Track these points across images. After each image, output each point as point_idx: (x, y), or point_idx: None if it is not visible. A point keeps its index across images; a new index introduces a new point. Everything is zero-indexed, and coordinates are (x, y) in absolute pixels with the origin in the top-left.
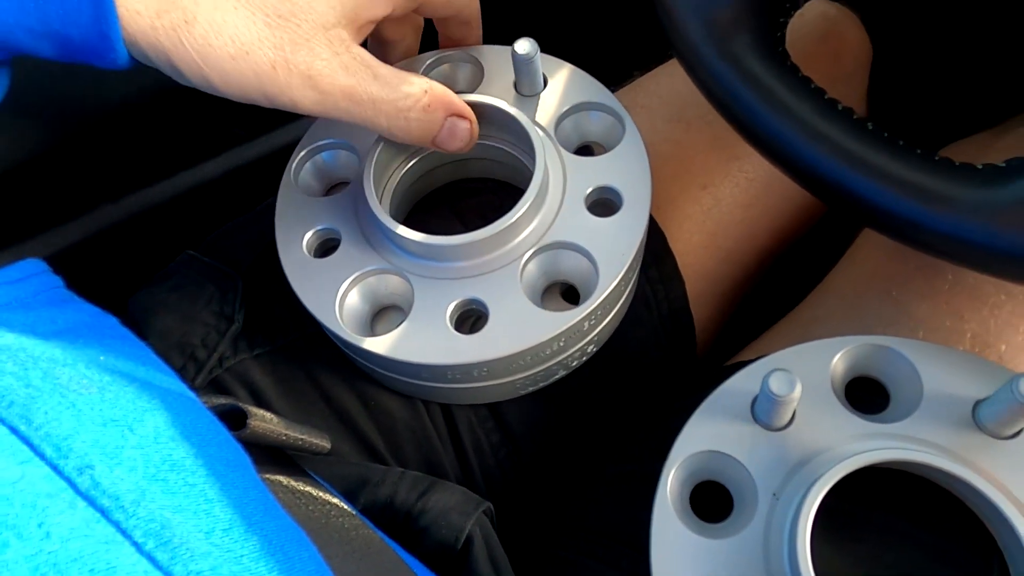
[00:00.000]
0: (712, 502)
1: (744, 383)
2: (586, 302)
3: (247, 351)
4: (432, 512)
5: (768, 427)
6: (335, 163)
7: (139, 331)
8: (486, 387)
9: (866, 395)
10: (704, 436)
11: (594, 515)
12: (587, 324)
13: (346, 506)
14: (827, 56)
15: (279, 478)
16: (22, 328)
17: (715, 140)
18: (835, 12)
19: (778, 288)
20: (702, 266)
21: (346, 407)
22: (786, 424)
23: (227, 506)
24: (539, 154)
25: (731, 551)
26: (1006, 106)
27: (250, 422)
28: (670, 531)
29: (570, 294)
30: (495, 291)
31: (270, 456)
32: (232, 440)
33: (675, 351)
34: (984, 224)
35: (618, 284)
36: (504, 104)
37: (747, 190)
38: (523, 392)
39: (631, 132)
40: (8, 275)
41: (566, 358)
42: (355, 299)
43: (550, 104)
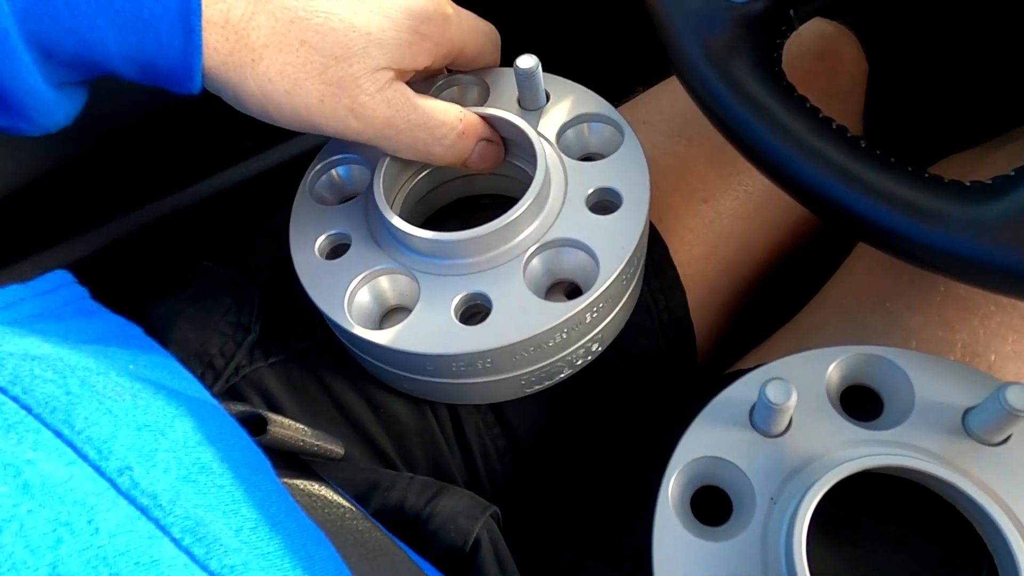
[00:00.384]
0: (712, 506)
1: (743, 391)
2: (587, 293)
3: (262, 360)
4: (441, 516)
5: (766, 434)
6: (349, 177)
7: (158, 340)
8: (491, 383)
9: (860, 403)
10: (704, 442)
11: (597, 518)
12: (589, 317)
13: (359, 510)
14: (824, 73)
15: (296, 482)
16: (56, 338)
17: (716, 154)
18: (832, 30)
19: (776, 298)
20: (703, 276)
21: (357, 413)
22: (783, 431)
23: (252, 507)
24: (539, 154)
25: (730, 553)
26: (994, 123)
27: (270, 428)
28: (671, 534)
29: (574, 294)
30: (499, 286)
31: (286, 461)
32: (254, 445)
33: (676, 359)
34: (972, 239)
35: (618, 277)
36: (506, 113)
37: (747, 203)
38: (528, 391)
39: (629, 137)
40: (38, 287)
41: (570, 354)
42: (364, 297)
43: (552, 117)
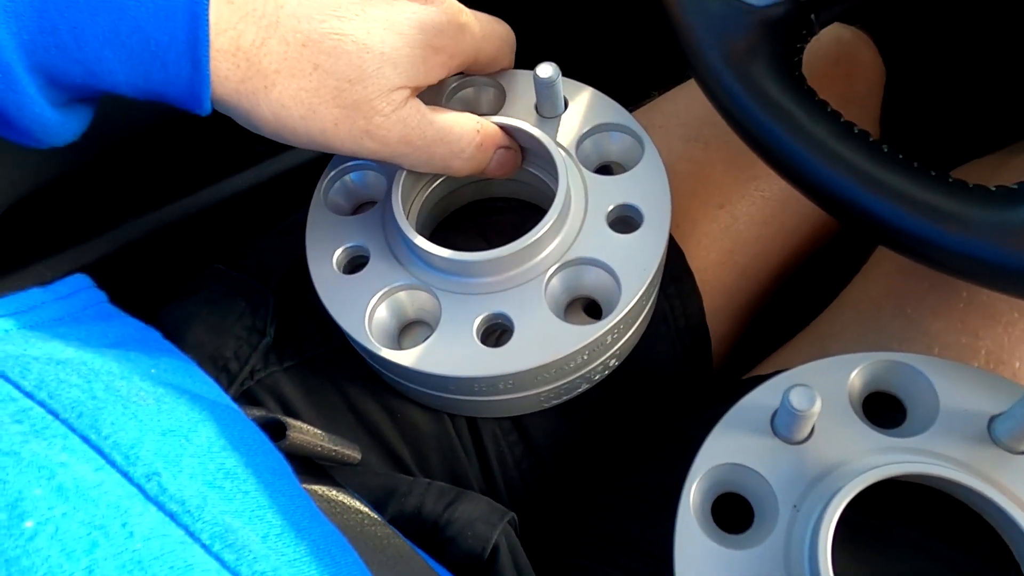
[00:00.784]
0: (733, 513)
1: (764, 397)
2: (609, 316)
3: (277, 364)
4: (459, 522)
5: (788, 440)
6: (363, 183)
7: (172, 343)
8: (511, 400)
9: (882, 410)
10: (725, 449)
11: (613, 524)
12: (610, 338)
13: (377, 516)
14: (841, 78)
15: (314, 487)
16: (78, 342)
17: (732, 159)
18: (849, 35)
19: (792, 304)
20: (719, 281)
21: (373, 418)
22: (805, 438)
23: (277, 512)
24: (561, 173)
25: (752, 561)
26: (1010, 130)
27: (289, 433)
28: (693, 541)
29: (592, 308)
30: (520, 306)
31: (303, 466)
32: (275, 450)
33: (692, 365)
34: (997, 244)
35: (640, 299)
36: (527, 125)
37: (763, 208)
38: (547, 405)
39: (650, 152)
40: (58, 290)
41: (589, 371)
42: (384, 314)
43: (571, 125)
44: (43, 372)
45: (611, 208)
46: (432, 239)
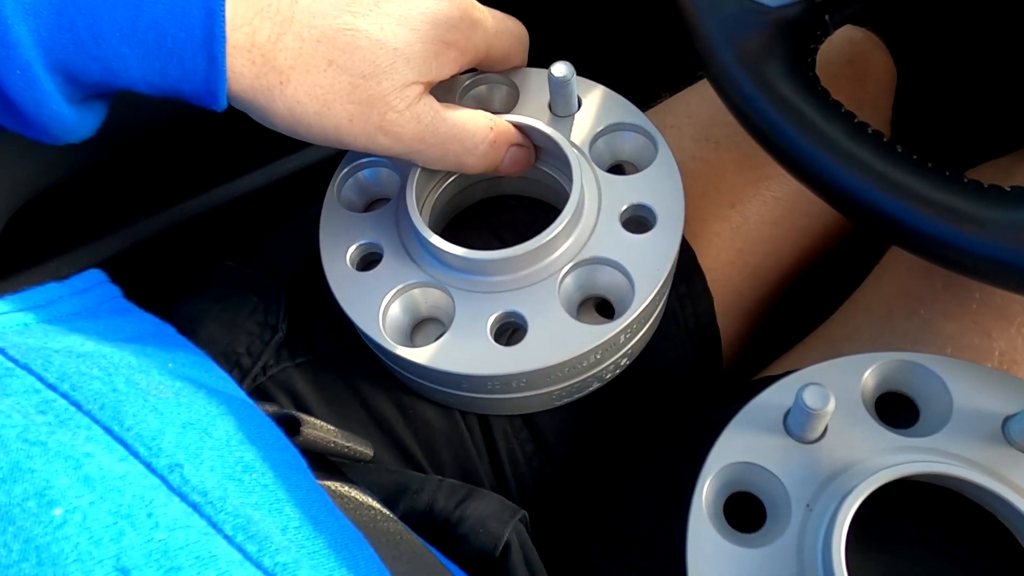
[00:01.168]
0: (744, 512)
1: (777, 397)
2: (622, 316)
3: (289, 360)
4: (471, 520)
5: (801, 440)
6: (376, 180)
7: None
8: (523, 398)
9: (895, 410)
10: (738, 448)
11: (624, 523)
12: (622, 337)
13: (388, 512)
14: (852, 79)
15: (327, 483)
16: (97, 336)
17: (743, 160)
18: (860, 36)
19: (802, 305)
20: (729, 281)
21: (385, 415)
22: (818, 437)
23: (295, 506)
24: (576, 172)
25: (765, 560)
26: (1022, 133)
27: (304, 429)
28: (706, 539)
29: (604, 307)
30: (533, 304)
31: (315, 462)
32: (291, 445)
33: (702, 365)
34: (1013, 244)
35: (652, 299)
36: (541, 124)
37: (774, 209)
38: (558, 403)
39: (663, 152)
40: (74, 285)
41: (600, 371)
42: (397, 311)
43: (584, 124)
44: (65, 365)
45: (624, 208)
46: (443, 236)
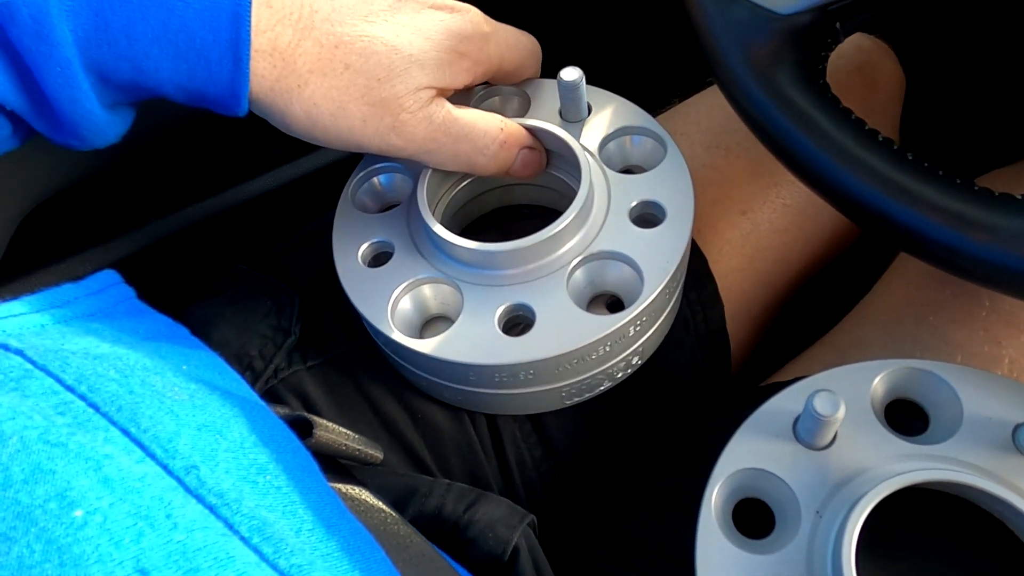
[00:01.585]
0: (753, 519)
1: (786, 403)
2: (631, 307)
3: (301, 363)
4: (479, 524)
5: (810, 446)
6: (391, 185)
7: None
8: (531, 394)
9: (905, 417)
10: (747, 454)
11: (632, 528)
12: (632, 330)
13: (398, 516)
14: (861, 87)
15: (338, 486)
16: (112, 338)
17: (753, 167)
18: (869, 44)
19: (811, 312)
20: (739, 287)
21: (394, 418)
22: (828, 443)
23: (308, 508)
24: (584, 167)
25: (774, 566)
26: None
27: (316, 431)
28: (715, 545)
29: (615, 308)
30: (542, 297)
31: (325, 464)
32: (303, 447)
33: (711, 371)
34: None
35: (662, 292)
36: (551, 126)
37: (784, 216)
38: (568, 403)
39: (672, 151)
40: (90, 286)
41: (611, 367)
42: (407, 305)
43: (594, 129)
44: (82, 366)
45: (634, 204)
46: None
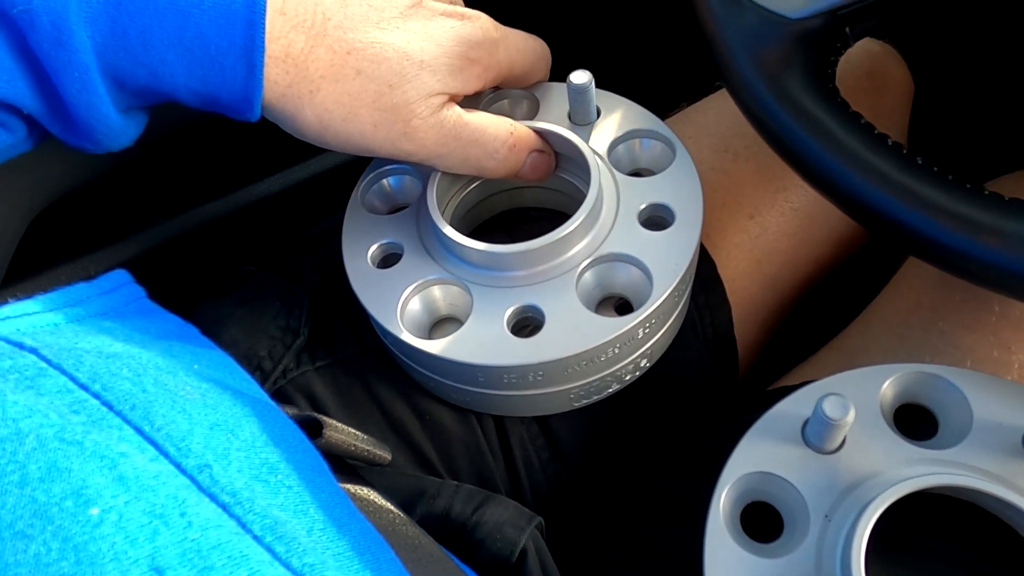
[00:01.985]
0: (762, 523)
1: (795, 407)
2: (640, 308)
3: (309, 364)
4: (487, 525)
5: (819, 450)
6: (400, 188)
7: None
8: (540, 395)
9: (914, 422)
10: (756, 457)
11: (639, 531)
12: (641, 333)
13: (406, 517)
14: (870, 91)
15: (347, 486)
16: (125, 337)
17: (761, 171)
18: (878, 49)
19: (819, 316)
20: (746, 291)
21: (402, 420)
22: (837, 447)
23: (319, 508)
24: (593, 170)
25: (783, 570)
26: None
27: (326, 432)
28: (723, 549)
29: (624, 310)
30: (551, 298)
31: (334, 464)
32: (313, 447)
33: (718, 375)
34: None
35: (671, 294)
36: (560, 128)
37: (792, 220)
38: (576, 405)
39: (682, 154)
40: (101, 286)
41: (619, 369)
42: (416, 306)
43: (603, 132)
44: (95, 365)
45: (643, 207)
46: None
